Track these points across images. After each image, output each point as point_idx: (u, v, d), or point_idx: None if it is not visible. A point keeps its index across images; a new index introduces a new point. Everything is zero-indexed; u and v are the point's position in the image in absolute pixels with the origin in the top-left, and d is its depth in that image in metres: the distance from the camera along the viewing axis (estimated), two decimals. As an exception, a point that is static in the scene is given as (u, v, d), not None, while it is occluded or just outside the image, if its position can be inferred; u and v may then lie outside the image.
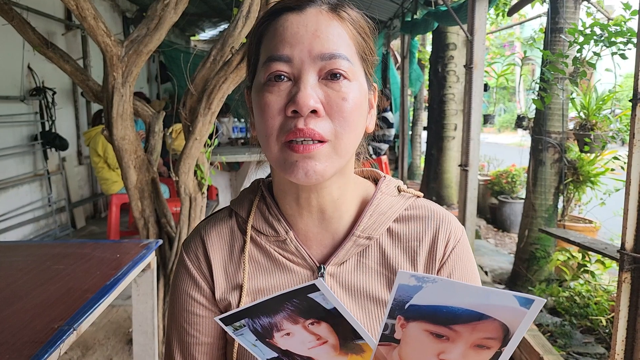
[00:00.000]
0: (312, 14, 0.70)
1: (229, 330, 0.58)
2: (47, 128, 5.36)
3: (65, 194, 5.80)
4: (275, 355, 0.60)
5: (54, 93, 5.39)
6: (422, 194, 0.87)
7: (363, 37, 0.75)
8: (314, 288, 0.52)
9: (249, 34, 0.79)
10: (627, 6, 2.24)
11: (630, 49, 2.37)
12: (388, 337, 0.55)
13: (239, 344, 0.81)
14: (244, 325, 0.57)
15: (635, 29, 1.67)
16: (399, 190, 0.85)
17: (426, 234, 0.81)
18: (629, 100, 1.73)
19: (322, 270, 0.79)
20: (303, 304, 0.54)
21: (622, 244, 1.79)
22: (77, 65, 2.64)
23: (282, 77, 0.69)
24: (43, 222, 5.41)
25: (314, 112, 0.67)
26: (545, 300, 0.49)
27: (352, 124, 0.70)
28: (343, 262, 0.80)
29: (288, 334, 0.57)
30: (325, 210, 0.79)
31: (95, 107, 6.34)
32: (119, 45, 2.36)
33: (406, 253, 0.81)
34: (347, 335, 0.56)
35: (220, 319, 0.57)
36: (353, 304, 0.79)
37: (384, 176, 0.87)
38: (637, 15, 1.54)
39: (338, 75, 0.69)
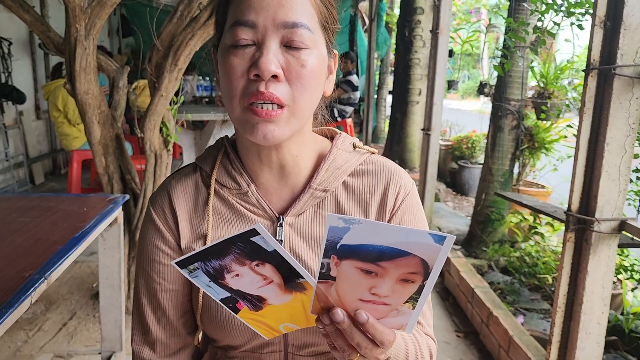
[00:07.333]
0: None
1: (184, 272, 0.63)
2: (3, 80, 5.17)
3: (23, 148, 5.65)
4: (229, 295, 0.66)
5: (10, 44, 5.18)
6: (376, 151, 0.93)
7: (327, 7, 0.79)
8: (254, 232, 0.58)
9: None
10: (586, -22, 2.32)
11: (587, 20, 2.46)
12: (325, 275, 0.62)
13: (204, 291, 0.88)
14: (197, 268, 0.63)
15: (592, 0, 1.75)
16: (354, 147, 0.91)
17: (378, 187, 0.88)
18: (582, 70, 1.82)
19: (281, 221, 0.85)
20: (247, 247, 0.60)
21: (569, 205, 1.91)
22: (37, 15, 2.56)
23: (247, 41, 0.73)
24: (0, 177, 5.29)
25: (274, 76, 0.71)
26: (455, 237, 0.56)
27: (309, 89, 0.75)
28: (301, 213, 0.86)
29: (237, 275, 0.63)
30: (285, 165, 0.84)
31: (54, 59, 6.11)
32: (83, -3, 2.30)
33: (359, 204, 0.87)
34: (289, 274, 0.63)
35: (176, 262, 0.62)
36: (309, 251, 0.85)
37: (340, 133, 0.93)
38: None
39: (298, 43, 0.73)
